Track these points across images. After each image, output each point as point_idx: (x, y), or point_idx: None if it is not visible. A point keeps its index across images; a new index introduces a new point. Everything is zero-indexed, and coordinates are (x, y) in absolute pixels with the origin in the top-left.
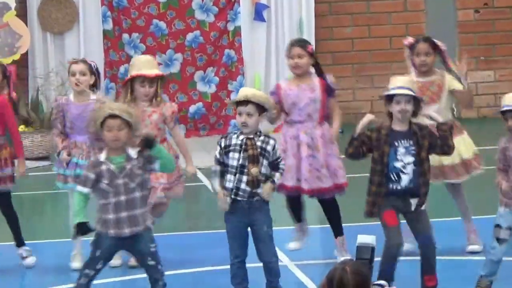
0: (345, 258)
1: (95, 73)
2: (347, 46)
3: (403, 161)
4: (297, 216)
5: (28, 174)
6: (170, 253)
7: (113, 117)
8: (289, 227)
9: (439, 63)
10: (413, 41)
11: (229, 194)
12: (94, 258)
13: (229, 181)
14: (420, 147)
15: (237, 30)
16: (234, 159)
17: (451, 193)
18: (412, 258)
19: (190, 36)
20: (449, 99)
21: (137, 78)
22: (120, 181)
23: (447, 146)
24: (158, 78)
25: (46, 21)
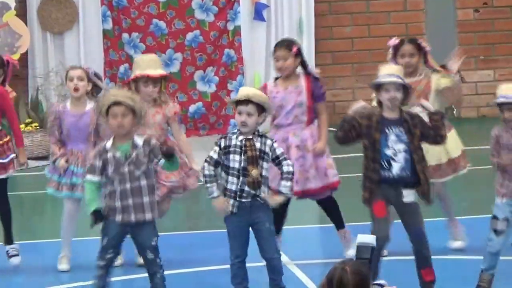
0: (350, 251)
1: (92, 80)
2: (347, 45)
3: (394, 148)
4: (278, 227)
5: (28, 173)
6: (170, 253)
7: (117, 104)
8: (289, 227)
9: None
10: (397, 42)
11: (227, 200)
12: (103, 247)
13: (232, 183)
14: (412, 135)
15: (237, 29)
16: (235, 161)
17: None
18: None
19: (190, 35)
20: (436, 99)
21: (141, 78)
22: (125, 169)
23: (439, 136)
24: (162, 78)
25: (46, 21)
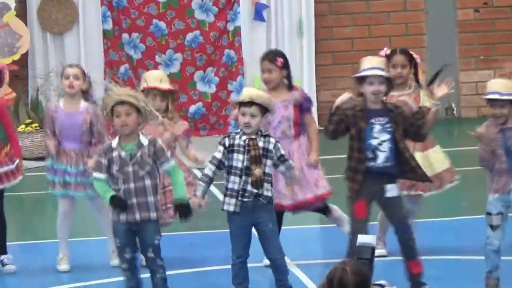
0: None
1: (89, 78)
2: (347, 45)
3: (379, 138)
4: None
5: (28, 174)
6: (170, 253)
7: (121, 103)
8: (289, 227)
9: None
10: (389, 53)
11: (202, 201)
12: (118, 249)
13: (234, 183)
14: (397, 125)
15: (237, 30)
16: (238, 160)
17: (411, 202)
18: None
19: (190, 36)
20: None
21: (149, 92)
22: (129, 169)
23: (420, 134)
24: (169, 93)
25: (46, 21)
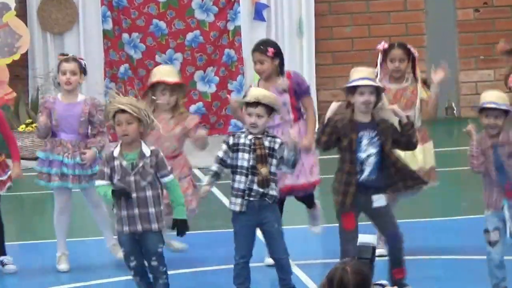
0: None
1: (85, 71)
2: (347, 45)
3: (366, 152)
4: None
5: (28, 174)
6: (170, 253)
7: (122, 111)
8: (289, 227)
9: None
10: (387, 46)
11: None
12: (124, 257)
13: (240, 182)
14: (385, 139)
15: (237, 29)
16: (244, 159)
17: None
18: (410, 257)
19: (190, 35)
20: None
21: (158, 86)
22: (131, 178)
23: (411, 143)
24: (178, 87)
25: (46, 21)
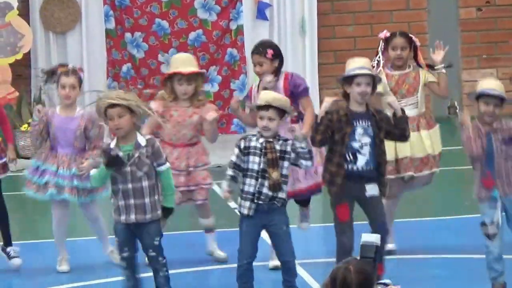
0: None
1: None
2: (349, 44)
3: (361, 141)
4: None
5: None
6: (171, 253)
7: (112, 106)
8: (292, 226)
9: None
10: (389, 35)
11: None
12: (118, 247)
13: (250, 185)
14: (379, 129)
15: (240, 28)
16: (254, 163)
17: (410, 187)
18: (411, 256)
19: (192, 35)
20: (423, 92)
21: (175, 76)
22: (127, 169)
23: (403, 136)
24: (196, 76)
25: (48, 21)
